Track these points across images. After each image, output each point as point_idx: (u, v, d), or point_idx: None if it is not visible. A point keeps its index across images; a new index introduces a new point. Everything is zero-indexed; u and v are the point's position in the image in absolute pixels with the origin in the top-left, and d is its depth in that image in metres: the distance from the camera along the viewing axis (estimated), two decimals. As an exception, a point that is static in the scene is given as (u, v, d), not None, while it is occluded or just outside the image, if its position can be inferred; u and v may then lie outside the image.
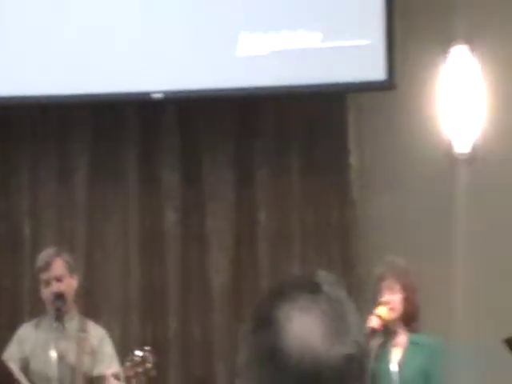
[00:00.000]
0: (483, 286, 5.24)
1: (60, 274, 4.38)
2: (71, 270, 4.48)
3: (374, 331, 4.08)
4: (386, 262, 4.46)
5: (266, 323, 1.15)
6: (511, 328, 4.31)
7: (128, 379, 4.27)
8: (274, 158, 5.36)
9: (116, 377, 4.28)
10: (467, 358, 5.11)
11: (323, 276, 1.24)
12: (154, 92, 5.09)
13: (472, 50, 5.19)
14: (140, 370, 4.36)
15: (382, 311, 4.18)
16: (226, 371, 5.14)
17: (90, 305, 5.04)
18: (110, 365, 4.45)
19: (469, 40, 5.22)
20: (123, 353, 4.46)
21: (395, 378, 4.33)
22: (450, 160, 5.28)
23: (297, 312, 1.13)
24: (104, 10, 5.19)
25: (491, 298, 5.15)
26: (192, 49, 5.19)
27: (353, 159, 5.32)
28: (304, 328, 1.12)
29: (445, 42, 5.28)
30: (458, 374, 5.03)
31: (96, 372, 4.47)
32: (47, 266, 4.52)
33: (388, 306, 4.23)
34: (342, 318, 1.15)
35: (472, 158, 5.24)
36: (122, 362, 4.30)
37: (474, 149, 5.23)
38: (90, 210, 5.30)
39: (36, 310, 4.85)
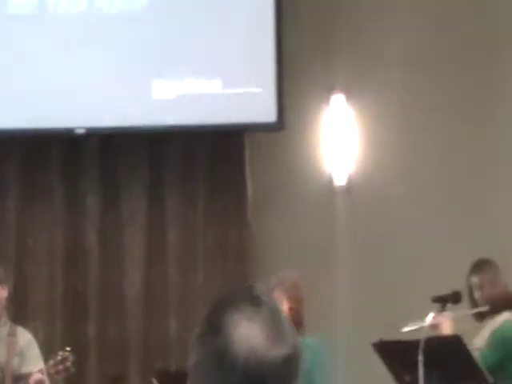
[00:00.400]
0: (359, 295, 6.02)
1: None
2: (1, 281, 4.99)
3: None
4: (277, 276, 5.05)
5: (215, 330, 1.23)
6: (383, 330, 5.04)
7: (51, 375, 4.88)
8: (182, 188, 6.04)
9: (41, 372, 4.85)
10: (347, 357, 5.91)
11: (261, 289, 1.34)
12: (78, 128, 5.76)
13: (348, 98, 6.08)
14: (61, 367, 4.97)
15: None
16: (138, 369, 5.82)
17: (20, 312, 5.58)
18: (36, 364, 4.96)
19: (346, 90, 6.12)
20: (48, 353, 5.04)
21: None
22: (330, 190, 6.14)
23: (242, 320, 1.22)
24: (33, 54, 5.80)
25: (366, 306, 5.93)
26: (113, 91, 5.92)
27: (249, 189, 6.05)
28: (249, 334, 1.21)
29: (327, 91, 6.17)
30: (340, 371, 5.78)
31: (23, 370, 4.98)
32: None
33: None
34: (279, 325, 1.25)
35: (348, 189, 6.10)
36: (46, 360, 4.87)
37: (350, 181, 6.10)
38: (20, 229, 5.92)
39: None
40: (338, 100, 6.16)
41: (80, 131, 5.84)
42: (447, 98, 6.37)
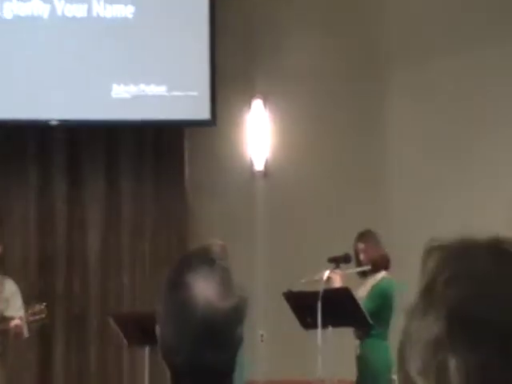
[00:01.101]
0: (274, 258, 6.99)
1: None
2: None
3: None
4: (205, 244, 5.40)
5: (177, 287, 1.34)
6: (292, 286, 5.56)
7: (28, 322, 5.42)
8: (134, 171, 6.88)
9: (20, 319, 5.32)
10: (264, 306, 6.73)
11: (215, 251, 1.53)
12: (51, 120, 6.56)
13: (265, 102, 7.14)
14: (37, 317, 5.52)
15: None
16: (97, 313, 6.63)
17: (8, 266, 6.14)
18: (17, 311, 5.42)
19: (264, 95, 7.15)
20: (26, 304, 5.60)
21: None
22: (251, 174, 7.19)
23: (200, 278, 1.34)
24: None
25: (279, 266, 6.86)
26: (80, 91, 6.70)
27: (187, 174, 6.97)
28: (205, 289, 1.33)
29: (249, 96, 7.19)
30: (259, 319, 6.63)
31: (6, 314, 5.42)
32: None
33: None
34: (229, 281, 1.36)
35: (265, 173, 7.16)
36: (26, 310, 5.40)
37: (266, 167, 7.15)
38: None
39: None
40: (257, 103, 7.22)
41: (54, 123, 6.62)
42: (342, 102, 7.20)
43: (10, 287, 5.65)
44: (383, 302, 5.65)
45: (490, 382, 0.64)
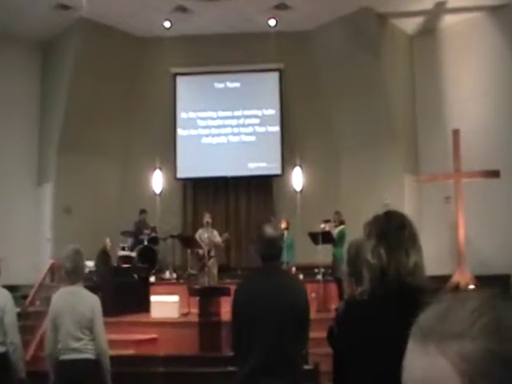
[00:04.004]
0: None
1: None
2: None
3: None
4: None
5: (259, 230, 4.26)
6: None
7: None
8: None
9: None
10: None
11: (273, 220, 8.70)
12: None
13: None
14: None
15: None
16: None
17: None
18: None
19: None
20: None
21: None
22: None
23: (267, 227, 4.21)
24: None
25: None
26: (230, 164, 17.78)
27: None
28: (269, 230, 4.24)
29: (293, 165, 18.11)
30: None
31: None
32: None
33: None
34: (276, 227, 4.62)
35: None
36: None
37: None
38: None
39: None
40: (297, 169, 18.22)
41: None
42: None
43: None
44: (341, 237, 13.22)
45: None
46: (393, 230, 2.57)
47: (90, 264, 13.73)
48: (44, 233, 16.49)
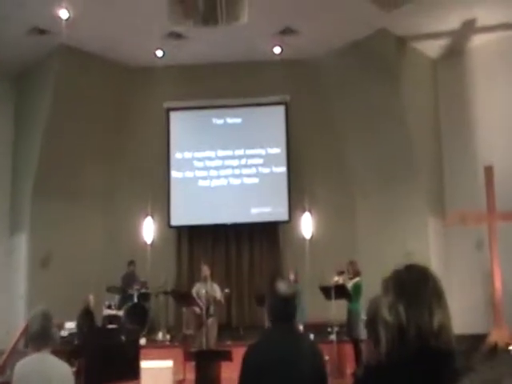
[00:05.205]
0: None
1: None
2: None
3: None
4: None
5: (272, 287, 4.34)
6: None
7: None
8: None
9: None
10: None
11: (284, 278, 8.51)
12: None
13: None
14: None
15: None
16: None
17: None
18: None
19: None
20: None
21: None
22: None
23: (280, 283, 4.40)
24: None
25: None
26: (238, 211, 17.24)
27: None
28: (282, 286, 4.39)
29: (303, 209, 17.69)
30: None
31: None
32: None
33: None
34: (290, 283, 6.39)
35: None
36: None
37: None
38: None
39: None
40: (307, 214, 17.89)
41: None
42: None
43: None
44: (357, 290, 12.67)
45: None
46: (413, 284, 2.51)
47: (70, 325, 13.37)
48: (17, 289, 15.99)
